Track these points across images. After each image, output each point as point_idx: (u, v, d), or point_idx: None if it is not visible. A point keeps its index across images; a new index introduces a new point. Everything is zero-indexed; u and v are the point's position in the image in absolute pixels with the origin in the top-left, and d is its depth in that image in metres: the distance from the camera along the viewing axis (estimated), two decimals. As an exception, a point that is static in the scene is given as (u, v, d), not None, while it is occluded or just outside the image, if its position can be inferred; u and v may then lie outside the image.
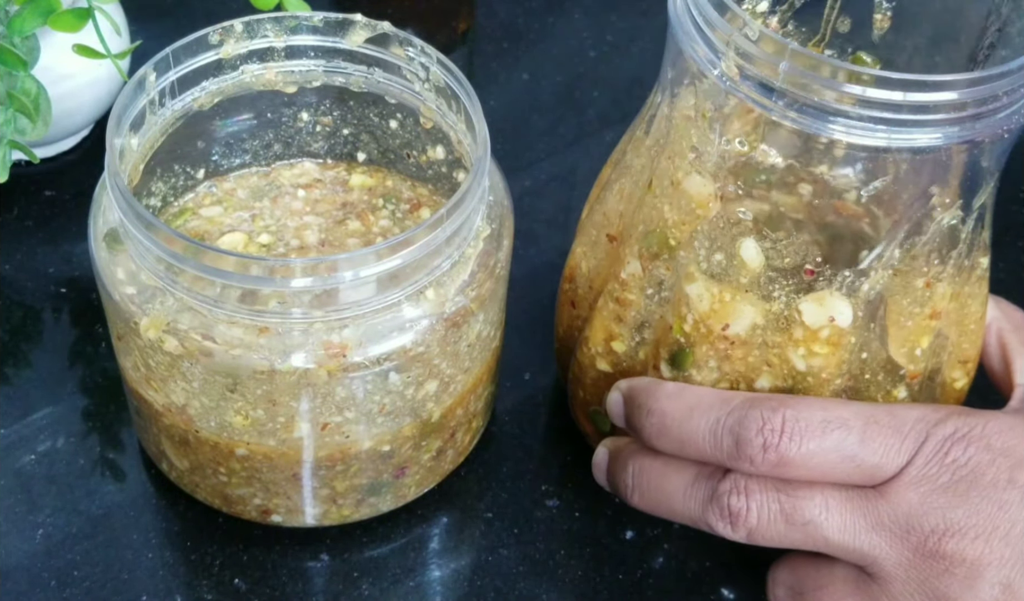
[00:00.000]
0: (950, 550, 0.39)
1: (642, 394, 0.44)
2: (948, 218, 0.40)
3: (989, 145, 0.39)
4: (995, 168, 0.41)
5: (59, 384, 0.53)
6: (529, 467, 0.52)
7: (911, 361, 0.43)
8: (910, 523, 0.40)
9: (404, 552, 0.49)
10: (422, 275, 0.42)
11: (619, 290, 0.45)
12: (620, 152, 0.47)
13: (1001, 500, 0.39)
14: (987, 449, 0.40)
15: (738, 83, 0.38)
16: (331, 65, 0.48)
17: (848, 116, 0.37)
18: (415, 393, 0.44)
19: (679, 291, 0.43)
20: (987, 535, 0.39)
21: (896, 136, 0.37)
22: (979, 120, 0.38)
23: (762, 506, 0.41)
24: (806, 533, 0.41)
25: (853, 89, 0.37)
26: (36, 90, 0.52)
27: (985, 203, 0.42)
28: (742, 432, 0.40)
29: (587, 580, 0.49)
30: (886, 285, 0.41)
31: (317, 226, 0.50)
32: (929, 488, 0.39)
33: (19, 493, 0.50)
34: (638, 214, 0.44)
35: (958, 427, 0.40)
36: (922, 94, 0.37)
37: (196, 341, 0.41)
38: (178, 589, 0.48)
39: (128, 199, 0.40)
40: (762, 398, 0.41)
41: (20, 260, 0.58)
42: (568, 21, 0.72)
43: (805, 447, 0.40)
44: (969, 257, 0.42)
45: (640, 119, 0.46)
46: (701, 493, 0.42)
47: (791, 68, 0.37)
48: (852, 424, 0.40)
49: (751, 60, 0.38)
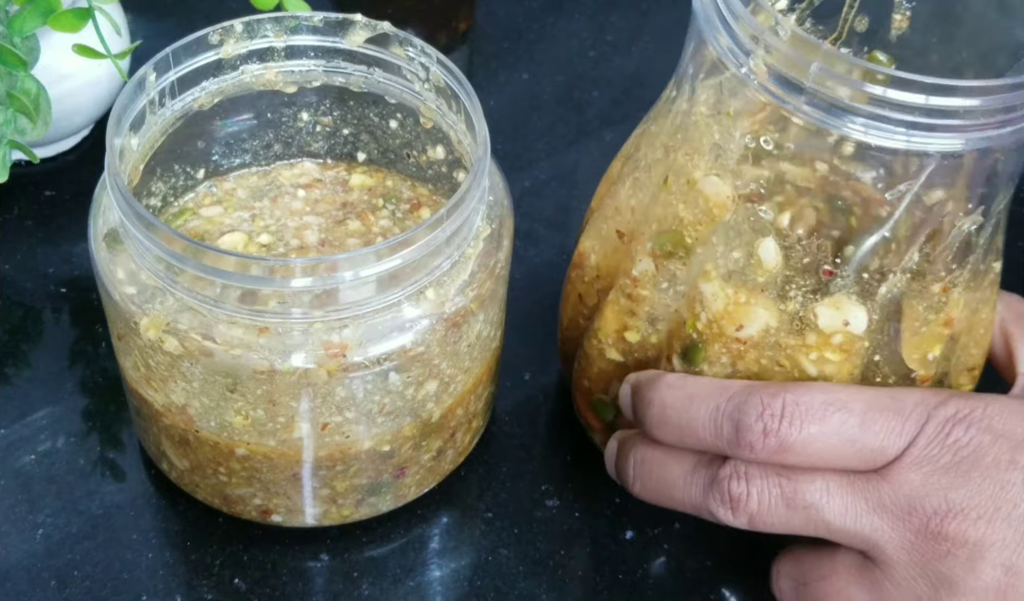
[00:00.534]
0: (952, 531, 0.39)
1: (644, 385, 0.44)
2: (968, 224, 0.40)
3: (1010, 152, 0.39)
4: (1015, 174, 0.41)
5: (59, 384, 0.53)
6: (529, 467, 0.52)
7: (923, 366, 0.43)
8: (911, 505, 0.39)
9: (404, 552, 0.49)
10: (422, 275, 0.42)
11: (631, 286, 0.45)
12: (632, 146, 0.47)
13: (1003, 481, 0.39)
14: (988, 430, 0.40)
15: (765, 81, 0.38)
16: (331, 65, 0.48)
17: (871, 117, 0.37)
18: (415, 393, 0.44)
19: (694, 288, 0.43)
20: (989, 516, 0.39)
21: (919, 139, 0.37)
22: (1002, 127, 0.38)
23: (763, 491, 0.41)
24: (807, 517, 0.41)
25: (880, 91, 0.37)
26: (36, 90, 0.52)
27: (1003, 209, 0.42)
28: (742, 418, 0.40)
29: (587, 580, 0.49)
30: (903, 289, 0.41)
31: (317, 226, 0.50)
32: (930, 469, 0.39)
33: (19, 493, 0.50)
34: (651, 211, 0.44)
35: (959, 409, 0.40)
36: (946, 99, 0.37)
37: (196, 341, 0.41)
38: (178, 589, 0.48)
39: (128, 199, 0.40)
40: (761, 384, 0.41)
41: (20, 260, 0.58)
42: (568, 21, 0.72)
43: (806, 431, 0.40)
44: (984, 262, 0.42)
45: (655, 113, 0.46)
46: (702, 480, 0.42)
47: (822, 69, 0.37)
48: (853, 407, 0.40)
49: (781, 59, 0.38)
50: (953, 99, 0.37)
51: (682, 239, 0.43)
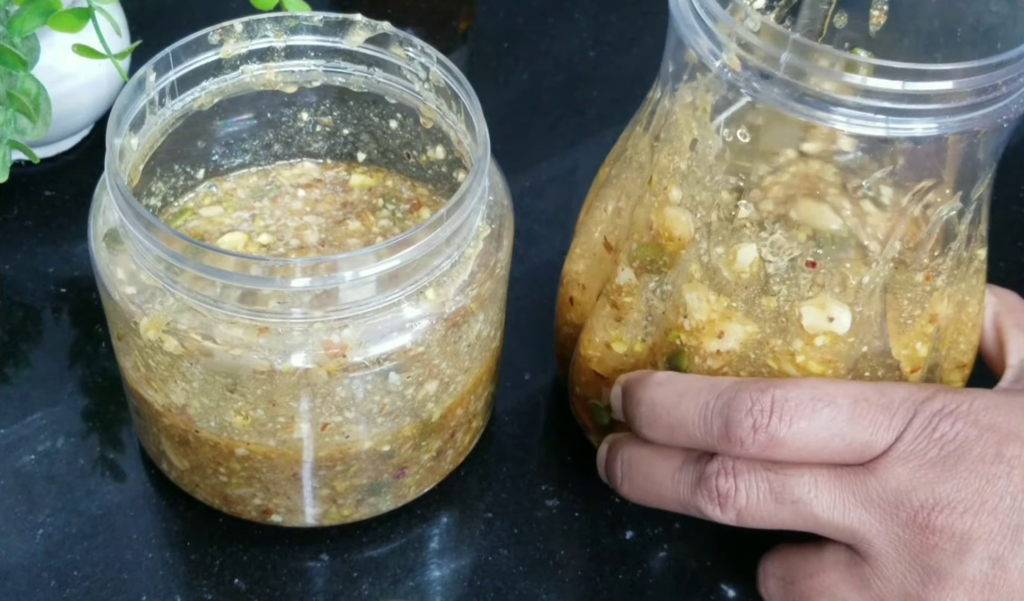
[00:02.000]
0: (939, 524, 0.39)
1: (633, 385, 0.44)
2: (947, 209, 0.41)
3: (987, 135, 0.39)
4: (993, 159, 0.41)
5: (59, 384, 0.53)
6: (529, 467, 0.52)
7: (911, 360, 0.43)
8: (899, 498, 0.40)
9: (404, 552, 0.49)
10: (422, 275, 0.42)
11: (615, 294, 0.45)
12: (619, 149, 0.47)
13: (989, 474, 0.39)
14: (975, 424, 0.40)
15: (739, 74, 0.39)
16: (331, 65, 0.48)
17: (848, 106, 0.37)
18: (415, 393, 0.44)
19: (677, 296, 0.43)
20: (976, 509, 0.39)
21: (895, 126, 0.37)
22: (977, 109, 0.38)
23: (751, 486, 0.41)
24: (795, 511, 0.41)
25: (853, 79, 0.37)
26: (36, 90, 0.52)
27: (983, 195, 0.42)
28: (731, 414, 0.40)
29: (587, 580, 0.49)
30: (886, 279, 0.41)
31: (317, 226, 0.50)
32: (917, 463, 0.40)
33: (19, 493, 0.50)
34: (636, 214, 0.44)
35: (946, 403, 0.40)
36: (921, 83, 0.37)
37: (196, 341, 0.41)
38: (178, 589, 0.48)
39: (128, 199, 0.40)
40: (750, 381, 0.41)
41: (20, 260, 0.58)
42: (568, 21, 0.72)
43: (795, 426, 0.40)
44: (967, 249, 0.42)
45: (640, 114, 0.46)
46: (689, 477, 0.42)
47: (792, 59, 0.37)
48: (841, 402, 0.40)
49: (753, 51, 0.38)
50: (928, 83, 0.37)
51: (662, 251, 0.43)
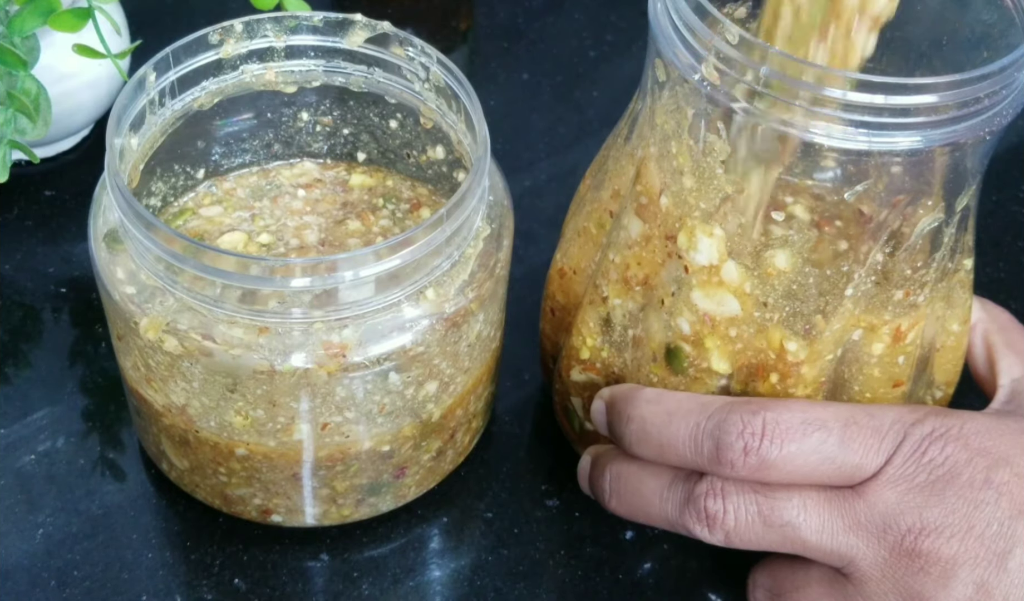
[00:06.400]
0: (925, 549, 0.39)
1: (622, 401, 0.43)
2: (930, 221, 0.40)
3: (971, 147, 0.39)
4: (978, 170, 0.40)
5: (59, 384, 0.53)
6: (529, 467, 0.52)
7: (893, 374, 0.43)
8: (887, 522, 0.40)
9: (404, 552, 0.49)
10: (422, 275, 0.42)
11: (599, 303, 0.45)
12: (601, 159, 0.47)
13: (977, 500, 0.39)
14: (964, 448, 0.40)
15: (719, 87, 0.38)
16: (331, 65, 0.48)
17: (829, 120, 0.37)
18: (415, 393, 0.44)
19: (647, 324, 0.43)
20: (962, 534, 0.39)
21: (877, 139, 0.37)
22: (960, 122, 0.37)
23: (739, 508, 0.41)
24: (784, 535, 0.41)
25: (834, 92, 0.36)
26: (36, 90, 0.52)
27: (968, 205, 0.41)
28: (722, 436, 0.40)
29: (587, 580, 0.49)
30: (868, 289, 0.41)
31: (317, 226, 0.50)
32: (906, 487, 0.40)
33: (19, 493, 0.50)
34: (614, 231, 0.44)
35: (936, 427, 0.40)
36: (903, 97, 0.36)
37: (196, 341, 0.41)
38: (178, 589, 0.48)
39: (128, 199, 0.40)
40: (741, 402, 0.41)
41: (20, 260, 0.58)
42: (568, 21, 0.72)
43: (786, 449, 0.40)
44: (952, 260, 0.42)
45: (622, 125, 0.46)
46: (678, 496, 0.42)
47: (772, 72, 0.37)
48: (831, 425, 0.40)
49: (732, 64, 0.37)
50: (910, 96, 0.36)
51: (639, 265, 0.43)
